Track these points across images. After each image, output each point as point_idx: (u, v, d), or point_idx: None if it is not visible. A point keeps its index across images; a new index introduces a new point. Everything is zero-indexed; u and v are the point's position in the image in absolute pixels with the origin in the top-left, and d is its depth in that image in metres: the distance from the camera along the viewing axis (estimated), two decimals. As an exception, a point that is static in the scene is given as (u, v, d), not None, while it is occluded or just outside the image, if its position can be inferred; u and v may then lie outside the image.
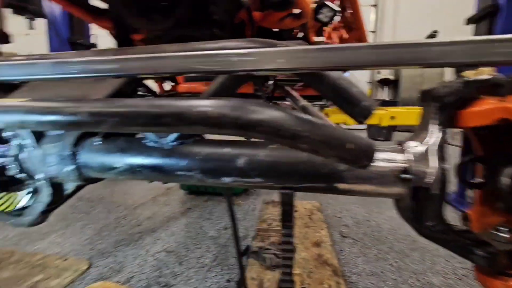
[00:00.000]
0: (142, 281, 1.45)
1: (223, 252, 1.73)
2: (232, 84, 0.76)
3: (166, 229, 2.09)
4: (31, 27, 5.14)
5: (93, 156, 0.77)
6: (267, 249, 1.63)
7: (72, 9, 1.18)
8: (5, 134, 0.81)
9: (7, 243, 1.88)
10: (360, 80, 0.68)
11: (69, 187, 0.91)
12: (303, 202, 2.63)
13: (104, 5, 1.17)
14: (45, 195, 0.85)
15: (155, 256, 1.69)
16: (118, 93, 0.76)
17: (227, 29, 1.29)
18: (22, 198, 0.97)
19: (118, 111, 0.49)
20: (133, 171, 0.74)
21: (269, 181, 0.66)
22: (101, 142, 0.79)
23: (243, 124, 0.46)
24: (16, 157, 0.83)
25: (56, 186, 0.86)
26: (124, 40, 1.07)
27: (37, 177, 0.81)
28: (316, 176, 0.63)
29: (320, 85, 0.66)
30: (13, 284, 1.39)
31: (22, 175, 0.85)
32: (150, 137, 0.76)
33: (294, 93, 1.01)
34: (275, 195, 2.88)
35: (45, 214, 0.94)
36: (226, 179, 0.68)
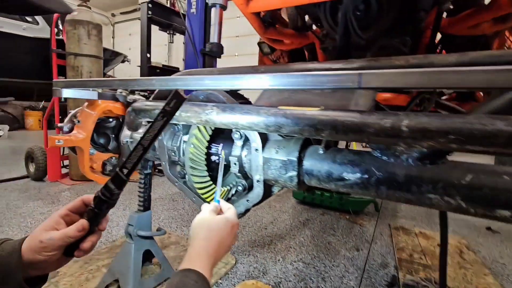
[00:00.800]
0: (290, 289, 1.45)
1: (366, 277, 1.60)
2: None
3: (294, 238, 2.10)
4: (171, 41, 6.09)
5: (319, 165, 0.77)
6: (425, 286, 1.42)
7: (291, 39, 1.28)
8: (234, 135, 0.91)
9: (159, 224, 2.21)
10: None
11: (275, 190, 0.96)
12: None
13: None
14: (256, 195, 0.91)
15: (293, 265, 1.70)
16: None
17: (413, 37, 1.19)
18: (230, 193, 1.09)
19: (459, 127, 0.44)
20: (366, 186, 0.71)
21: None
22: (323, 152, 0.79)
23: None
24: (239, 157, 0.91)
25: (267, 188, 0.91)
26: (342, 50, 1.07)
27: (255, 177, 0.88)
28: None
29: None
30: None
31: (237, 173, 0.94)
32: (380, 151, 0.71)
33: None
34: (401, 220, 2.58)
35: (248, 211, 1.02)
36: (506, 213, 0.57)
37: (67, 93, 1.17)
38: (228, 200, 1.09)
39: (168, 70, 4.31)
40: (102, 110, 1.28)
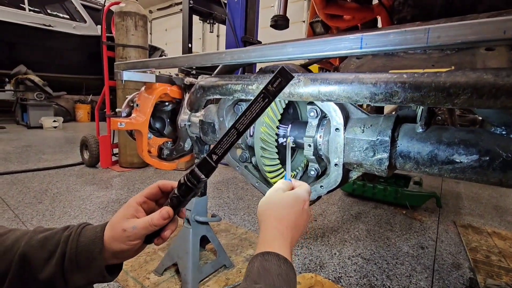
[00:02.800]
0: (353, 285, 1.36)
1: (438, 278, 1.45)
2: None
3: (347, 232, 1.99)
4: (211, 31, 6.14)
5: (418, 146, 0.66)
6: (515, 293, 1.24)
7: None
8: (309, 113, 0.83)
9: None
10: None
11: (353, 175, 0.87)
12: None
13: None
14: (333, 180, 0.83)
15: (352, 260, 1.59)
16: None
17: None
18: (297, 177, 1.02)
19: None
20: (486, 170, 0.58)
21: None
22: (423, 130, 0.68)
23: None
24: (314, 138, 0.83)
25: (345, 173, 0.83)
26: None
27: (333, 160, 0.79)
28: None
29: None
30: (233, 252, 1.57)
31: (311, 156, 0.86)
32: (507, 128, 0.58)
33: None
34: (467, 217, 2.33)
35: (319, 198, 0.95)
36: None
37: (127, 75, 1.17)
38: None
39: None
40: (160, 94, 1.28)
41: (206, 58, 0.84)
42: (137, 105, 1.29)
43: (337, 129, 0.77)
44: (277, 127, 0.93)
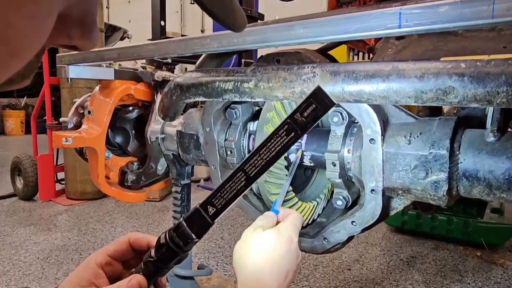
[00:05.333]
0: None
1: None
2: None
3: (397, 285, 1.97)
4: (192, 1, 6.39)
5: (491, 162, 0.66)
6: None
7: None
8: (332, 119, 0.83)
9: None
10: None
11: (398, 205, 0.87)
12: None
13: None
14: (369, 213, 0.82)
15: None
16: None
17: None
18: (316, 210, 1.02)
19: None
20: None
21: None
22: (496, 138, 0.68)
23: None
24: (339, 153, 0.83)
25: (386, 202, 0.82)
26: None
27: (369, 185, 0.79)
28: None
29: None
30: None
31: (336, 179, 0.86)
32: None
33: None
34: None
35: (350, 239, 0.94)
36: None
37: (75, 71, 1.19)
38: (312, 221, 1.03)
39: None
40: (121, 95, 1.30)
41: (184, 45, 0.86)
42: (89, 112, 1.31)
43: (372, 139, 0.77)
44: (287, 139, 0.93)
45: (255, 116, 1.05)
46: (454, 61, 0.50)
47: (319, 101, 0.45)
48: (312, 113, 0.46)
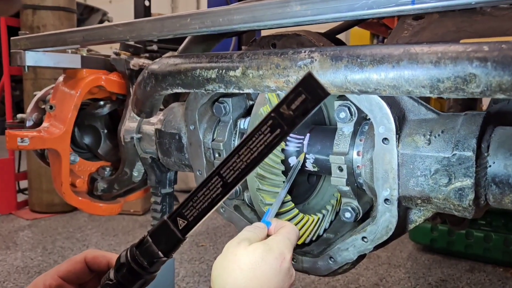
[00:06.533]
0: None
1: None
2: None
3: (422, 315, 1.97)
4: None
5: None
6: None
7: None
8: (339, 115, 0.83)
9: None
10: None
11: (417, 218, 0.87)
12: None
13: None
14: (383, 227, 0.82)
15: None
16: None
17: None
18: (322, 225, 1.02)
19: None
20: None
21: None
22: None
23: None
24: (347, 156, 0.84)
25: (403, 214, 0.82)
26: None
27: (382, 193, 0.79)
28: None
29: None
30: None
31: (343, 186, 0.86)
32: None
33: None
34: None
35: (362, 258, 0.94)
36: None
37: (33, 58, 1.19)
38: (318, 238, 1.02)
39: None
40: (89, 87, 1.30)
41: (160, 25, 0.85)
42: (50, 107, 1.31)
43: (385, 139, 0.77)
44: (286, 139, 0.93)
45: (249, 112, 1.05)
46: (475, 43, 0.50)
47: (309, 91, 0.44)
48: (301, 105, 0.44)
